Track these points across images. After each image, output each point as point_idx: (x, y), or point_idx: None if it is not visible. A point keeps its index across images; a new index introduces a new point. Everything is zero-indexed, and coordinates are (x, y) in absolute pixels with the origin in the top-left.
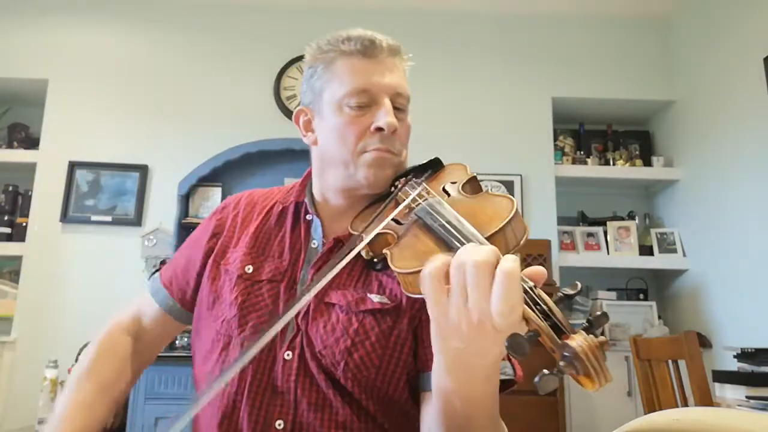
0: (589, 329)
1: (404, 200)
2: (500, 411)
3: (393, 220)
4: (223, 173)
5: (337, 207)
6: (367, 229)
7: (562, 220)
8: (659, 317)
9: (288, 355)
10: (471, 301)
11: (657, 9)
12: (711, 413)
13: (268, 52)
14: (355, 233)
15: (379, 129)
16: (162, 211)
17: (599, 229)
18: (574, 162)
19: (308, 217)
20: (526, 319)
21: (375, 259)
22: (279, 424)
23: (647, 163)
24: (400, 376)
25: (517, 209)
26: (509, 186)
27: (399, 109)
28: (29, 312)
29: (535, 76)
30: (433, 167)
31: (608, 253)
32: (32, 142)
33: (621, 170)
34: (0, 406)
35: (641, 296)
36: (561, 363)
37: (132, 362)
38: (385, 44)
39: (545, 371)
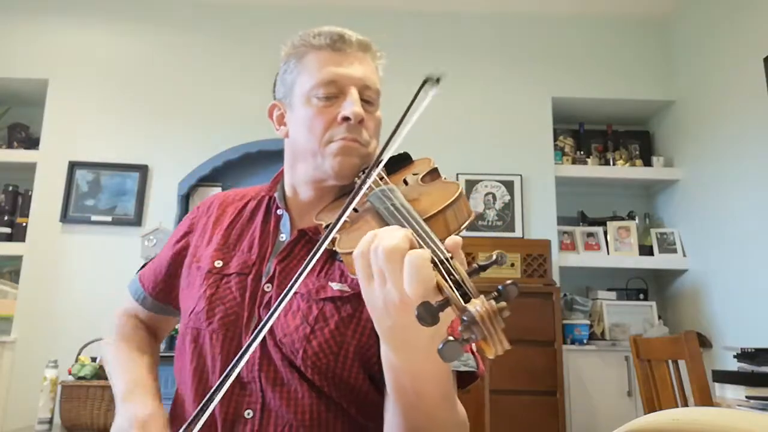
0: (497, 298)
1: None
2: (500, 411)
3: (354, 209)
4: (223, 173)
5: (307, 200)
6: (331, 224)
7: (562, 220)
8: (659, 317)
9: None
10: (389, 283)
11: (657, 9)
12: (711, 413)
13: (268, 52)
14: (320, 223)
15: (346, 118)
16: (162, 211)
17: (599, 229)
18: (574, 162)
19: (279, 211)
20: (439, 289)
21: (335, 248)
22: (248, 414)
23: (647, 163)
24: (361, 363)
25: (461, 193)
26: (509, 186)
27: (368, 102)
28: (29, 312)
29: (535, 76)
30: (402, 161)
31: (608, 253)
32: (32, 142)
33: (621, 170)
34: (0, 406)
35: (641, 296)
36: (460, 328)
37: (148, 334)
38: (354, 39)
39: (449, 338)
